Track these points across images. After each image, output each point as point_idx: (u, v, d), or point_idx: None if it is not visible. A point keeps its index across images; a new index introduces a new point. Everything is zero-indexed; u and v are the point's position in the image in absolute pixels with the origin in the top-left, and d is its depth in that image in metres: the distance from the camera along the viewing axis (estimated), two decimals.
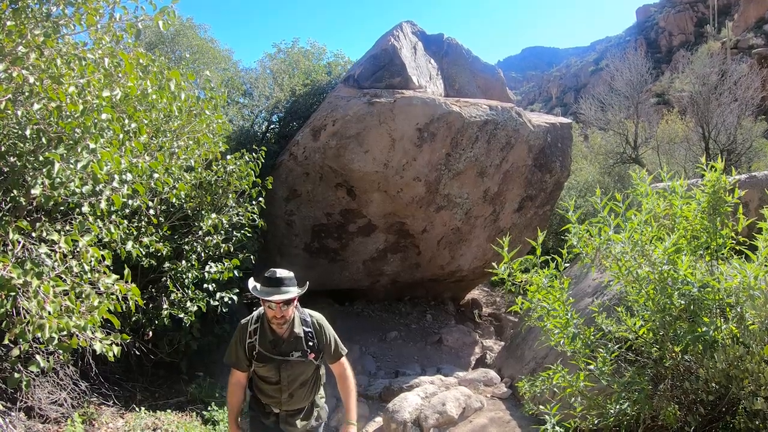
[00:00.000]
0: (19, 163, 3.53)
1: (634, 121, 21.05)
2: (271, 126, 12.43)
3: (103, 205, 3.67)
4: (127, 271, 3.83)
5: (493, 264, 4.08)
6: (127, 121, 4.00)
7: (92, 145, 3.32)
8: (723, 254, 3.70)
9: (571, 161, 12.94)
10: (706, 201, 3.78)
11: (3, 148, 3.54)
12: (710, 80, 20.09)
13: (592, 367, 3.72)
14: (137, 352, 5.70)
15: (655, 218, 3.98)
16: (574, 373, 3.80)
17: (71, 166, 3.33)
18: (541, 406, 4.04)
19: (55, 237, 3.42)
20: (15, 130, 3.52)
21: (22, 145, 3.52)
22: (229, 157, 6.67)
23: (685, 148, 20.65)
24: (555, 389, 3.94)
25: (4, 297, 3.13)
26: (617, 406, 3.60)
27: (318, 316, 3.52)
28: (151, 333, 5.81)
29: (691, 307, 3.33)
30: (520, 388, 4.30)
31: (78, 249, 3.58)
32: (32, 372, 4.31)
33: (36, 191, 3.34)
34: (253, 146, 7.43)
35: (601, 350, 3.74)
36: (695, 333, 3.18)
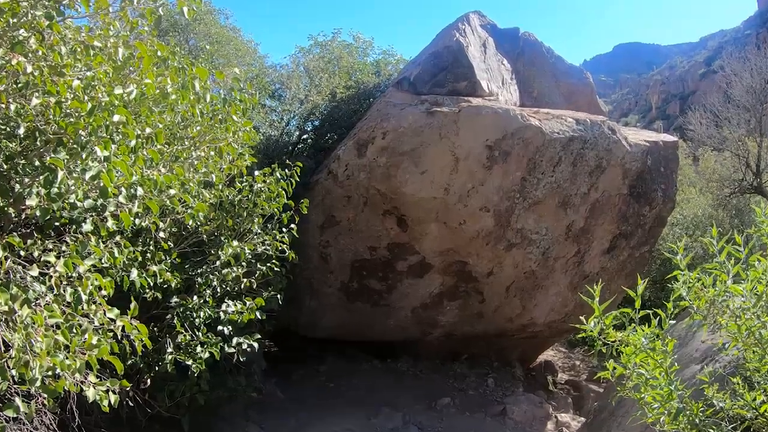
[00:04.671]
0: (5, 166, 3.61)
1: (756, 140, 20.47)
2: (304, 136, 12.55)
3: (110, 223, 3.76)
4: (134, 305, 3.90)
5: (581, 318, 4.01)
6: (141, 125, 4.09)
7: (103, 153, 3.39)
8: None
9: (677, 190, 12.72)
10: None
11: None
12: None
13: None
14: (130, 403, 5.75)
15: None
16: None
17: (76, 175, 3.42)
18: None
19: (51, 259, 3.50)
20: (2, 127, 3.62)
21: (10, 144, 3.61)
22: (257, 173, 6.70)
23: None
24: None
25: None
26: None
27: None
28: (149, 381, 5.87)
29: None
30: None
31: (75, 275, 3.65)
32: (6, 417, 4.38)
33: (31, 202, 3.42)
34: (286, 160, 7.42)
35: (711, 431, 3.64)
36: None
